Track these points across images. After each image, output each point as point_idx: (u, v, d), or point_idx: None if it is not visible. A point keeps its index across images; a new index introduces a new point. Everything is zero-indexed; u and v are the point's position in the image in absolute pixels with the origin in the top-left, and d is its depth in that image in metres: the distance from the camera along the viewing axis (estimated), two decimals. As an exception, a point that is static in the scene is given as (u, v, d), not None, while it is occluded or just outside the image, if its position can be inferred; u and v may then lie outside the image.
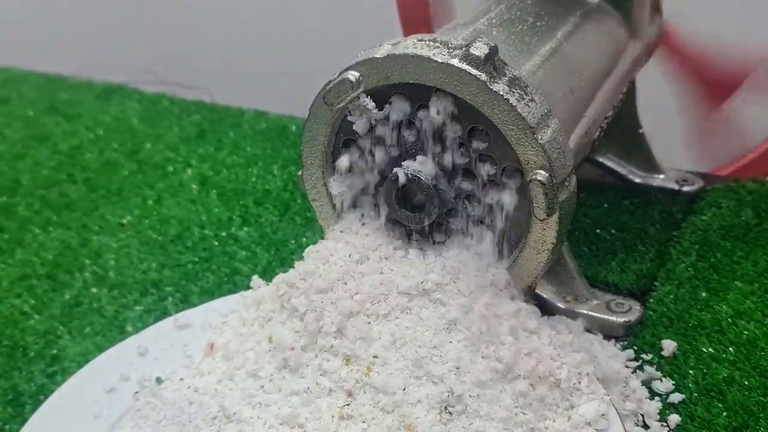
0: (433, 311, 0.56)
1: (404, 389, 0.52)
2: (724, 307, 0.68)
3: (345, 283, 0.57)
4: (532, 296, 0.61)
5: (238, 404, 0.54)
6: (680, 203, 0.82)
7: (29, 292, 0.78)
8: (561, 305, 0.67)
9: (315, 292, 0.56)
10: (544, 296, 0.67)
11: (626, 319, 0.66)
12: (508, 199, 0.56)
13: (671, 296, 0.70)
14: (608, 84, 0.68)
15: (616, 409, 0.55)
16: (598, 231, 0.78)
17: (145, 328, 0.70)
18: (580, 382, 0.56)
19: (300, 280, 0.58)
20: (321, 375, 0.55)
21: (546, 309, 0.66)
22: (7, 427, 0.63)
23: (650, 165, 0.83)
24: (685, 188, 0.82)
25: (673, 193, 0.83)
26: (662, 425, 0.58)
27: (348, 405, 0.53)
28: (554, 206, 0.54)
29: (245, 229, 0.84)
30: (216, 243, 0.82)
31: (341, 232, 0.61)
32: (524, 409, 0.53)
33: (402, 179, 0.56)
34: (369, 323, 0.55)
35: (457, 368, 0.52)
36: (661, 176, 0.83)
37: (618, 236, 0.78)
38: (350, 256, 0.59)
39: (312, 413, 0.53)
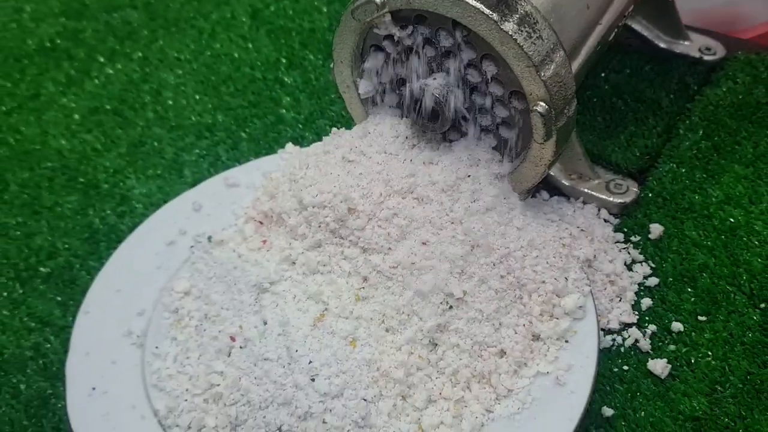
0: (440, 209, 0.65)
1: (412, 276, 0.63)
2: (716, 190, 0.75)
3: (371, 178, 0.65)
4: (529, 195, 0.69)
5: (273, 277, 0.66)
6: (698, 73, 0.86)
7: (98, 128, 0.88)
8: (566, 182, 0.75)
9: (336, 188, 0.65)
10: (551, 173, 0.74)
11: (622, 200, 0.74)
12: (512, 117, 0.63)
13: (670, 176, 0.77)
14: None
15: (594, 301, 0.65)
16: (614, 100, 0.84)
17: (200, 173, 0.81)
18: (567, 279, 0.65)
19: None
20: (343, 260, 0.65)
21: (551, 184, 0.75)
22: (86, 263, 0.76)
23: (677, 31, 0.86)
24: (707, 57, 0.86)
25: (694, 61, 0.86)
26: (633, 311, 0.67)
27: (363, 288, 0.64)
28: (551, 132, 0.61)
29: (291, 72, 0.91)
30: (263, 86, 0.90)
31: (367, 124, 0.69)
32: (515, 301, 0.63)
33: (420, 94, 0.63)
34: (387, 220, 0.64)
35: (460, 268, 0.62)
36: (686, 43, 0.87)
37: (632, 106, 0.83)
38: (376, 141, 0.68)
39: (333, 292, 0.64)
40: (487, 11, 0.57)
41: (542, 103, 0.60)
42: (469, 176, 0.66)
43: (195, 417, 0.61)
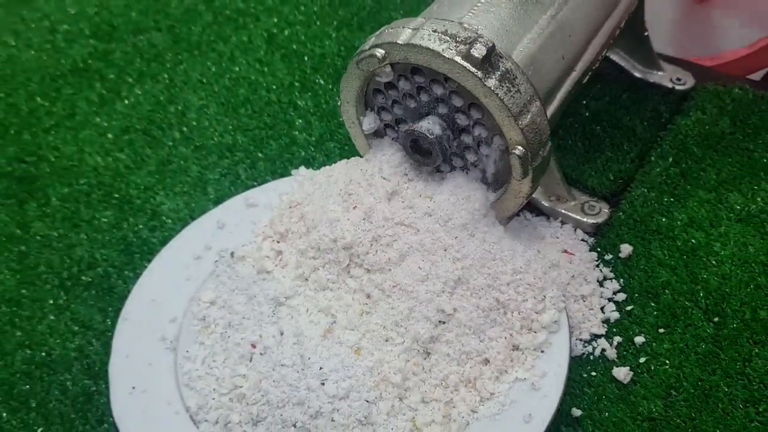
0: (434, 237, 0.75)
1: (409, 294, 0.73)
2: (681, 213, 0.85)
3: (369, 204, 0.75)
4: (510, 221, 0.79)
5: (288, 292, 0.76)
6: (671, 102, 0.95)
7: (129, 147, 0.98)
8: (546, 203, 0.85)
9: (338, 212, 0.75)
10: (534, 196, 0.84)
11: (595, 221, 0.84)
12: (495, 155, 0.73)
13: (641, 199, 0.87)
14: (602, 31, 0.80)
15: (567, 316, 0.75)
16: (593, 126, 0.93)
17: (222, 191, 0.91)
18: (545, 297, 0.75)
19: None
20: (349, 278, 0.75)
21: (533, 205, 0.85)
22: (122, 273, 0.86)
23: (651, 61, 0.96)
24: (678, 87, 0.95)
25: (667, 91, 0.96)
26: (602, 324, 0.77)
27: (367, 304, 0.74)
28: (528, 171, 0.71)
29: (303, 95, 1.01)
30: (278, 109, 0.99)
31: (369, 157, 0.79)
32: (499, 317, 0.73)
33: (414, 134, 0.73)
34: (389, 245, 0.74)
35: (451, 288, 0.72)
36: (660, 73, 0.96)
37: (609, 132, 0.93)
38: (377, 173, 0.78)
39: (341, 307, 0.74)
40: (473, 69, 0.67)
41: (520, 147, 0.69)
42: (460, 207, 0.76)
43: (221, 414, 0.71)
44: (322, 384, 0.69)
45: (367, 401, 0.69)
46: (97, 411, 0.76)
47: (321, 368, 0.70)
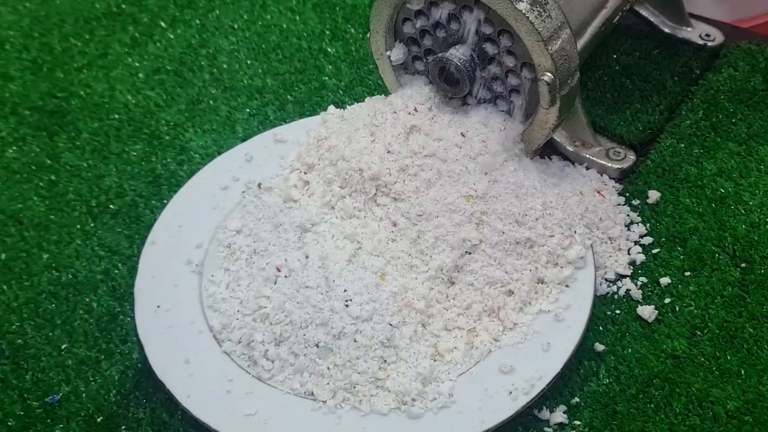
0: (463, 168, 0.75)
1: (435, 223, 0.73)
2: (710, 164, 0.84)
3: (398, 136, 0.75)
4: (537, 154, 0.79)
5: (314, 219, 0.76)
6: (702, 59, 0.94)
7: (161, 86, 0.99)
8: (570, 148, 0.84)
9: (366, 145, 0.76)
10: (558, 140, 0.84)
11: (620, 166, 0.84)
12: (523, 85, 0.73)
13: (670, 150, 0.86)
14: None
15: (594, 254, 0.75)
16: (623, 79, 0.93)
17: (251, 130, 0.91)
18: (575, 232, 0.75)
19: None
20: (376, 206, 0.75)
21: (557, 151, 0.85)
22: (150, 202, 0.86)
23: (680, 17, 0.95)
24: (708, 44, 0.95)
25: (698, 47, 0.95)
26: (628, 265, 0.77)
27: (393, 231, 0.74)
28: (556, 99, 0.71)
29: (334, 43, 1.01)
30: (309, 55, 1.00)
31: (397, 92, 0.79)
32: (525, 250, 0.73)
33: (443, 63, 0.74)
34: (416, 175, 0.74)
35: (478, 219, 0.72)
36: (689, 29, 0.96)
37: (639, 86, 0.92)
38: (404, 106, 0.78)
39: (367, 234, 0.75)
40: (505, -8, 0.67)
41: (548, 74, 0.70)
42: (488, 138, 0.76)
43: (245, 333, 0.72)
44: (346, 306, 0.70)
45: (391, 325, 0.69)
46: (121, 330, 0.76)
47: (345, 291, 0.70)
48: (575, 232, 0.74)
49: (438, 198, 0.74)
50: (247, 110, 0.94)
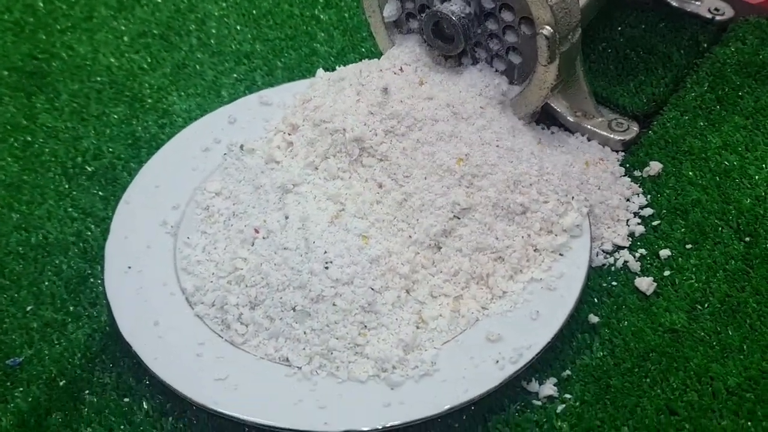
0: (454, 129, 0.71)
1: (423, 186, 0.69)
2: (715, 137, 0.80)
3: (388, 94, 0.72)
4: (535, 118, 0.75)
5: (296, 179, 0.72)
6: (710, 33, 0.91)
7: (146, 50, 0.95)
8: (570, 119, 0.80)
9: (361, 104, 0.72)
10: (558, 109, 0.80)
11: (622, 138, 0.80)
12: (521, 43, 0.69)
13: (673, 122, 0.82)
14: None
15: (590, 223, 0.71)
16: (627, 51, 0.89)
17: (237, 95, 0.87)
18: (572, 198, 0.71)
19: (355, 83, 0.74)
20: (361, 167, 0.71)
21: (557, 120, 0.81)
22: (128, 165, 0.83)
23: (690, -10, 0.92)
24: (717, 17, 0.91)
25: (706, 21, 0.91)
26: (627, 237, 0.73)
27: (378, 193, 0.70)
28: (555, 55, 0.67)
29: (327, 11, 0.97)
30: (300, 22, 0.96)
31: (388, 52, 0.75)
32: (518, 216, 0.69)
33: (437, 18, 0.70)
34: (404, 135, 0.70)
35: (468, 182, 0.68)
36: (697, 2, 0.92)
37: (644, 58, 0.88)
38: (393, 66, 0.74)
39: (351, 195, 0.71)
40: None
41: (548, 27, 0.66)
42: (482, 99, 0.72)
43: (219, 296, 0.68)
44: (326, 268, 0.66)
45: (372, 289, 0.65)
46: (91, 293, 0.73)
47: (325, 253, 0.66)
48: (572, 198, 0.70)
49: (427, 160, 0.70)
50: (234, 75, 0.91)
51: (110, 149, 0.84)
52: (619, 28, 0.92)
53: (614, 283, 0.70)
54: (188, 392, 0.62)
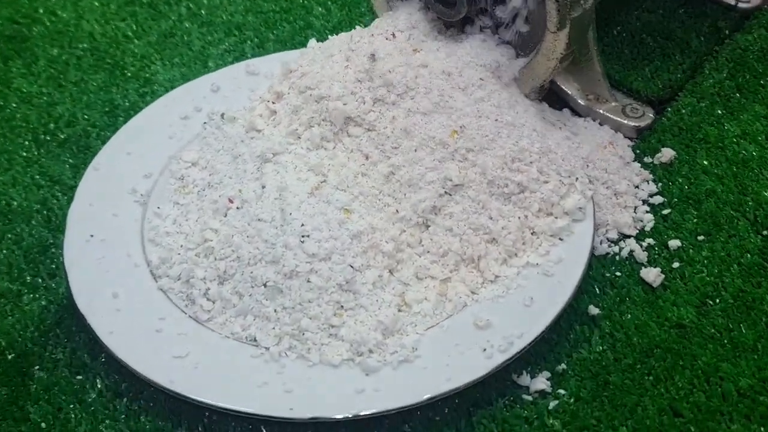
0: (451, 99, 0.65)
1: (413, 158, 0.63)
2: (734, 126, 0.74)
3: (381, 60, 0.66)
4: (542, 95, 0.69)
5: (277, 148, 0.66)
6: (732, 19, 0.85)
7: (132, 18, 0.90)
8: (582, 102, 0.75)
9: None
10: (568, 92, 0.74)
11: (637, 124, 0.74)
12: (528, 8, 0.63)
13: (689, 108, 0.76)
14: None
15: (594, 208, 0.65)
16: (643, 36, 0.83)
17: (224, 65, 0.82)
18: (576, 179, 0.65)
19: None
20: (347, 137, 0.66)
21: (567, 104, 0.75)
22: (103, 133, 0.77)
23: (714, -25, 0.86)
24: (741, 4, 0.85)
25: (729, 7, 0.86)
26: (634, 225, 0.67)
27: (363, 165, 0.65)
28: (565, 21, 0.61)
29: (325, -16, 0.92)
30: (297, -6, 0.91)
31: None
32: (515, 195, 0.63)
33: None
34: (394, 103, 0.65)
35: (462, 156, 0.63)
36: (722, -12, 0.86)
37: (661, 43, 0.83)
38: (393, 35, 0.68)
39: (334, 166, 0.65)
40: None
41: (559, -11, 0.60)
42: (483, 69, 0.66)
43: (185, 268, 0.62)
44: (302, 242, 0.60)
45: (352, 267, 0.60)
46: (51, 264, 0.68)
47: (303, 225, 0.61)
48: (576, 179, 0.64)
49: (418, 131, 0.65)
50: (223, 46, 0.86)
51: (85, 116, 0.79)
52: (636, 13, 0.86)
53: (618, 274, 0.64)
54: (141, 368, 0.56)
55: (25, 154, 0.76)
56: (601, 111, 0.74)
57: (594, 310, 0.62)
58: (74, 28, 0.89)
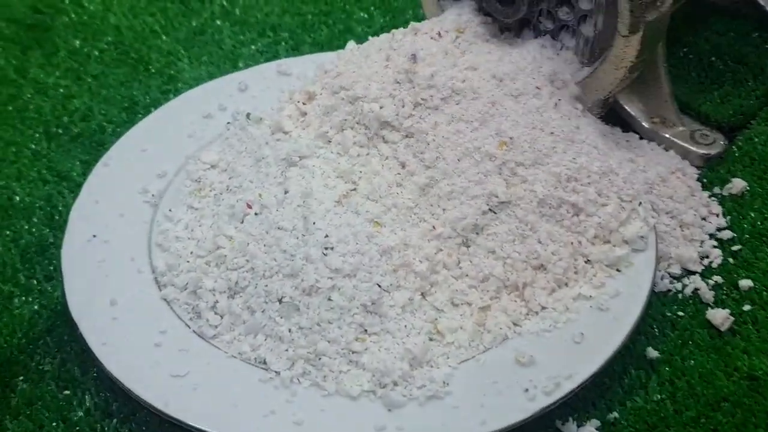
0: (502, 105, 0.58)
1: (455, 169, 0.56)
2: (812, 158, 0.67)
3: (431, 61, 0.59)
4: (604, 111, 0.62)
5: (304, 151, 0.60)
6: (811, 46, 0.77)
7: (162, 13, 0.84)
8: (645, 124, 0.67)
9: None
10: (631, 113, 0.67)
11: (707, 152, 0.66)
12: (596, 11, 0.56)
13: (763, 137, 0.69)
14: None
15: (657, 236, 0.57)
16: (713, 59, 0.76)
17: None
18: (639, 204, 0.58)
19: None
20: (382, 143, 0.59)
21: (629, 126, 0.68)
22: (119, 129, 0.71)
23: (793, -2, 0.79)
24: (821, 31, 0.78)
25: (810, 33, 0.78)
26: (699, 260, 0.59)
27: (399, 174, 0.58)
28: (638, 25, 0.54)
29: (369, -11, 0.86)
30: (339, -1, 0.85)
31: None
32: (569, 217, 0.56)
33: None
34: (436, 108, 0.58)
35: (511, 170, 0.56)
36: (804, 11, 0.79)
37: (732, 67, 0.76)
38: (439, 34, 0.62)
39: (365, 173, 0.58)
40: None
41: (633, -14, 0.53)
42: (540, 75, 0.59)
43: (193, 277, 0.56)
44: (324, 255, 0.53)
45: (379, 286, 0.53)
46: (49, 265, 0.62)
47: (327, 236, 0.54)
48: (639, 203, 0.57)
49: (462, 139, 0.58)
50: (255, 47, 0.80)
51: (102, 111, 0.74)
52: (705, 34, 0.79)
53: (681, 314, 0.57)
54: (133, 386, 0.49)
55: (34, 146, 0.71)
56: (667, 135, 0.67)
57: (652, 353, 0.54)
58: (100, 21, 0.84)
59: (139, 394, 0.49)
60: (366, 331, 0.52)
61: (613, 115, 0.67)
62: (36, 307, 0.59)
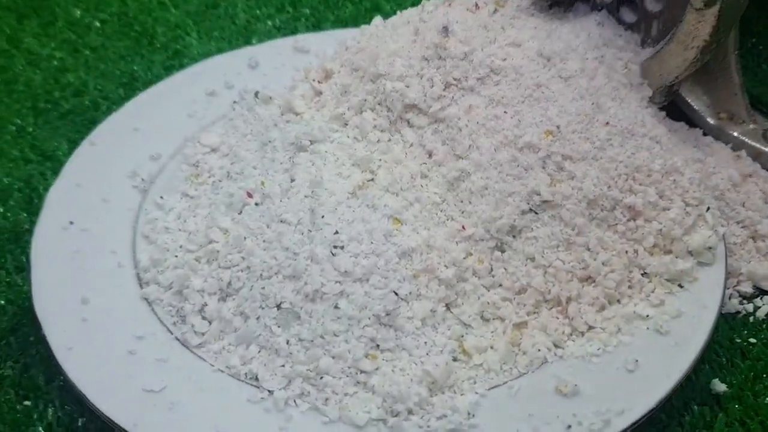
0: (548, 88, 0.50)
1: (491, 160, 0.48)
2: None
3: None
4: (669, 100, 0.53)
5: (316, 134, 0.52)
6: None
7: (172, -17, 0.77)
8: (711, 120, 0.59)
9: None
10: (694, 107, 0.59)
11: (781, 153, 0.58)
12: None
13: None
14: None
15: (725, 248, 0.49)
16: (789, 50, 0.68)
17: (269, 43, 0.68)
18: (708, 209, 0.49)
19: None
20: (407, 127, 0.51)
21: (692, 122, 0.59)
22: (114, 107, 0.64)
23: None
24: None
25: None
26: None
27: (425, 164, 0.50)
28: (715, -4, 0.45)
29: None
30: (368, -26, 0.77)
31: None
32: (623, 221, 0.48)
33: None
34: (472, 89, 0.50)
35: (557, 164, 0.47)
36: None
37: (811, 61, 0.67)
38: (476, 5, 0.54)
39: (386, 162, 0.50)
40: None
41: (711, -51, 0.44)
42: (593, 55, 0.51)
43: (180, 275, 0.48)
44: (333, 254, 0.45)
45: (396, 294, 0.44)
46: (21, 254, 0.54)
47: (337, 233, 0.46)
48: (707, 209, 0.48)
49: (500, 126, 0.49)
50: (271, 22, 0.73)
51: (98, 87, 0.66)
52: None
53: (753, 340, 0.49)
54: (99, 401, 0.41)
55: (19, 122, 0.64)
56: (735, 134, 0.58)
57: (719, 387, 0.46)
58: (105, -9, 0.76)
59: (104, 411, 0.41)
60: (378, 346, 0.44)
61: (672, 110, 0.58)
62: (2, 302, 0.51)
